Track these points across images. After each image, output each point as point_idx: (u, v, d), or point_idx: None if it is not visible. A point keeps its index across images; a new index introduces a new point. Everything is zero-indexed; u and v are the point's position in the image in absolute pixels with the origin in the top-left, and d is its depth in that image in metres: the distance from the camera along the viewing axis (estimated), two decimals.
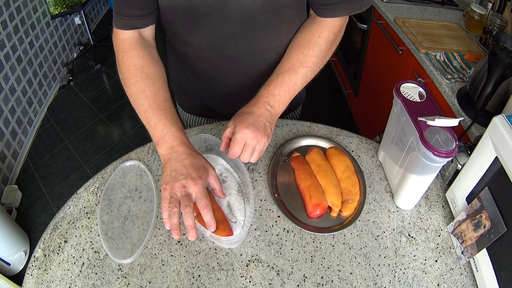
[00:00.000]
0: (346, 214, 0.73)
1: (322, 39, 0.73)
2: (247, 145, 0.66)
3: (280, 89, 0.70)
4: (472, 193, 0.67)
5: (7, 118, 2.12)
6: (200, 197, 0.62)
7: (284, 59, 0.75)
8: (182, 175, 0.62)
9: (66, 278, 0.66)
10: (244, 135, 0.65)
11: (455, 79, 1.23)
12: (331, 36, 0.74)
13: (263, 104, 0.69)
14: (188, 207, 0.60)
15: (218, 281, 0.65)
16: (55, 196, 2.05)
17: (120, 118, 2.54)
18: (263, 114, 0.68)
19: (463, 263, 0.67)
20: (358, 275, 0.65)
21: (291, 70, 0.72)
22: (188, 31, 0.76)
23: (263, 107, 0.69)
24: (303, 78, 0.73)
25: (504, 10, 1.43)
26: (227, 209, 0.73)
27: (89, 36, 2.98)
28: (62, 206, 0.76)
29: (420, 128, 0.63)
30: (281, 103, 0.71)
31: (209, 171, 0.66)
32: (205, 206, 0.61)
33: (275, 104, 0.70)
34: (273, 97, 0.70)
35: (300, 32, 0.76)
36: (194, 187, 0.61)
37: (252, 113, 0.68)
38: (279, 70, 0.73)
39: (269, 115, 0.69)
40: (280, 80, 0.71)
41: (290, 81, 0.71)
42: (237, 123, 0.67)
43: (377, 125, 1.92)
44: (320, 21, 0.74)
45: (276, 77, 0.72)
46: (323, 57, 0.74)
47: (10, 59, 2.17)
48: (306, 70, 0.73)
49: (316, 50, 0.73)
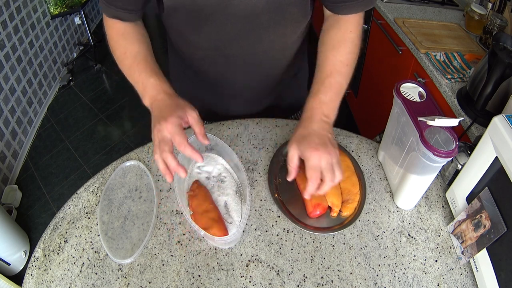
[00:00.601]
0: (346, 214, 0.73)
1: (353, 33, 0.72)
2: (324, 167, 0.62)
3: (330, 95, 0.68)
4: (472, 193, 0.67)
5: (7, 118, 2.12)
6: (173, 136, 0.59)
7: (322, 63, 0.72)
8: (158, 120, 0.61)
9: (66, 278, 0.66)
10: (317, 158, 0.62)
11: (455, 79, 1.23)
12: (360, 29, 0.73)
13: (319, 117, 0.67)
14: (164, 152, 0.58)
15: (218, 281, 0.65)
16: (55, 196, 2.05)
17: (120, 118, 2.54)
18: (323, 127, 0.66)
19: (463, 263, 0.67)
20: (358, 275, 0.65)
21: (334, 72, 0.69)
22: (192, 31, 0.76)
23: (320, 121, 0.66)
24: (347, 77, 0.71)
25: (504, 10, 1.43)
26: (223, 209, 0.73)
27: (89, 36, 2.98)
28: (62, 206, 0.76)
29: (420, 128, 0.63)
30: (333, 108, 0.69)
31: (186, 109, 0.63)
32: (180, 144, 0.59)
33: (329, 112, 0.68)
34: (326, 106, 0.68)
35: (329, 33, 0.74)
36: (166, 126, 0.59)
37: (313, 132, 0.65)
38: (322, 74, 0.70)
39: (327, 126, 0.67)
40: (327, 85, 0.69)
41: (336, 83, 0.69)
42: (303, 149, 0.63)
43: (377, 125, 1.92)
44: (345, 18, 0.73)
45: (321, 83, 0.69)
46: (357, 53, 0.73)
47: (10, 59, 2.17)
48: (347, 68, 0.71)
49: (351, 46, 0.72)
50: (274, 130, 0.91)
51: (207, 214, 0.69)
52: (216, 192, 0.76)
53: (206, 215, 0.69)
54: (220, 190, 0.76)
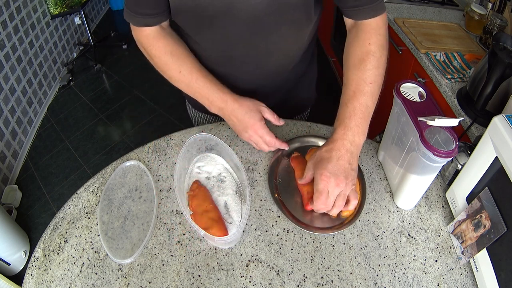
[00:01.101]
0: (346, 214, 0.73)
1: (373, 45, 0.70)
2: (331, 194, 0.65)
3: (355, 119, 0.67)
4: (472, 193, 0.67)
5: (7, 118, 2.12)
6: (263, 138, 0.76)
7: (345, 83, 0.71)
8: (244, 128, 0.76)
9: (66, 278, 0.66)
10: (325, 184, 0.64)
11: (455, 79, 1.23)
12: (381, 39, 0.71)
13: (342, 145, 0.66)
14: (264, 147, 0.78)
15: (218, 281, 0.65)
16: (55, 196, 2.05)
17: (120, 118, 2.54)
18: (343, 156, 0.65)
19: (463, 263, 0.67)
20: (358, 275, 0.65)
21: (357, 93, 0.68)
22: (196, 32, 0.77)
23: (343, 148, 0.66)
24: (371, 96, 0.68)
25: (504, 10, 1.43)
26: (223, 209, 0.73)
27: (89, 36, 2.98)
28: (62, 206, 0.76)
29: (420, 128, 0.63)
30: (360, 133, 0.67)
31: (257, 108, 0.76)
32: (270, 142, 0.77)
33: (354, 138, 0.67)
34: (351, 131, 0.67)
35: (350, 48, 0.73)
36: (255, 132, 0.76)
37: (331, 159, 0.65)
38: (345, 97, 0.69)
39: (349, 155, 0.66)
40: (350, 109, 0.67)
41: (361, 105, 0.67)
42: (316, 171, 0.66)
43: (377, 125, 1.91)
44: (364, 27, 0.71)
45: (345, 107, 0.68)
46: (382, 65, 0.70)
47: (10, 59, 2.17)
48: (372, 86, 0.68)
49: (372, 60, 0.69)
50: (275, 130, 0.91)
51: (207, 214, 0.69)
52: (216, 192, 0.76)
53: (206, 215, 0.69)
54: (220, 190, 0.76)
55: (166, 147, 0.88)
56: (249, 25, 0.72)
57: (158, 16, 0.73)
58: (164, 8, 0.73)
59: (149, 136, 2.38)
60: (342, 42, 0.79)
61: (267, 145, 0.77)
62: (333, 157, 0.66)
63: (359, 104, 0.67)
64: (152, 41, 0.76)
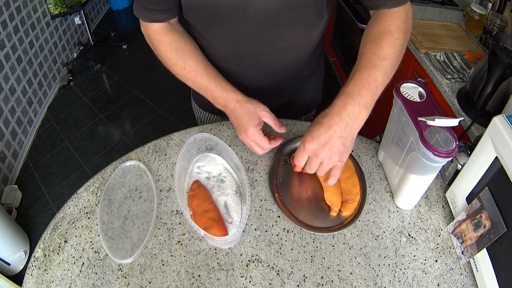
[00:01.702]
0: (346, 214, 0.73)
1: (392, 26, 0.67)
2: (310, 158, 0.63)
3: (360, 88, 0.62)
4: (472, 193, 0.67)
5: (7, 118, 2.12)
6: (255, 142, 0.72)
7: (358, 57, 0.68)
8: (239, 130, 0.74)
9: (66, 278, 0.66)
10: (306, 149, 0.63)
11: (455, 79, 1.23)
12: (400, 23, 0.68)
13: (338, 112, 0.61)
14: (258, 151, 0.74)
15: (218, 281, 0.65)
16: (55, 196, 2.05)
17: (120, 118, 2.54)
18: (335, 125, 0.61)
19: (463, 263, 0.67)
20: (358, 275, 0.65)
21: (368, 65, 0.64)
22: (206, 29, 0.77)
23: (337, 116, 0.61)
24: (383, 72, 0.64)
25: (504, 10, 1.43)
26: (223, 209, 0.73)
27: (89, 36, 2.98)
28: (62, 206, 0.76)
29: (420, 128, 0.63)
30: (362, 104, 0.61)
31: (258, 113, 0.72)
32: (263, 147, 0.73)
33: (354, 108, 0.61)
34: (352, 100, 0.61)
35: (368, 29, 0.72)
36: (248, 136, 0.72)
37: (322, 124, 0.62)
38: (354, 69, 0.66)
39: (343, 126, 0.61)
40: (357, 77, 0.63)
41: (369, 77, 0.62)
42: (305, 133, 0.64)
43: (377, 125, 1.91)
44: (384, 13, 0.70)
45: (352, 76, 0.64)
46: (398, 47, 0.67)
47: (10, 59, 2.17)
48: (385, 62, 0.64)
49: (389, 38, 0.66)
50: (274, 130, 0.90)
51: (207, 214, 0.69)
52: (216, 192, 0.76)
53: (206, 215, 0.69)
54: (220, 190, 0.76)
55: (166, 147, 0.88)
56: (260, 23, 0.72)
57: (167, 12, 0.74)
58: (174, 5, 0.73)
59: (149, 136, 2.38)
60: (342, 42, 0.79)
61: (261, 149, 0.74)
62: (324, 123, 0.61)
63: (367, 75, 0.63)
64: (159, 36, 0.77)
